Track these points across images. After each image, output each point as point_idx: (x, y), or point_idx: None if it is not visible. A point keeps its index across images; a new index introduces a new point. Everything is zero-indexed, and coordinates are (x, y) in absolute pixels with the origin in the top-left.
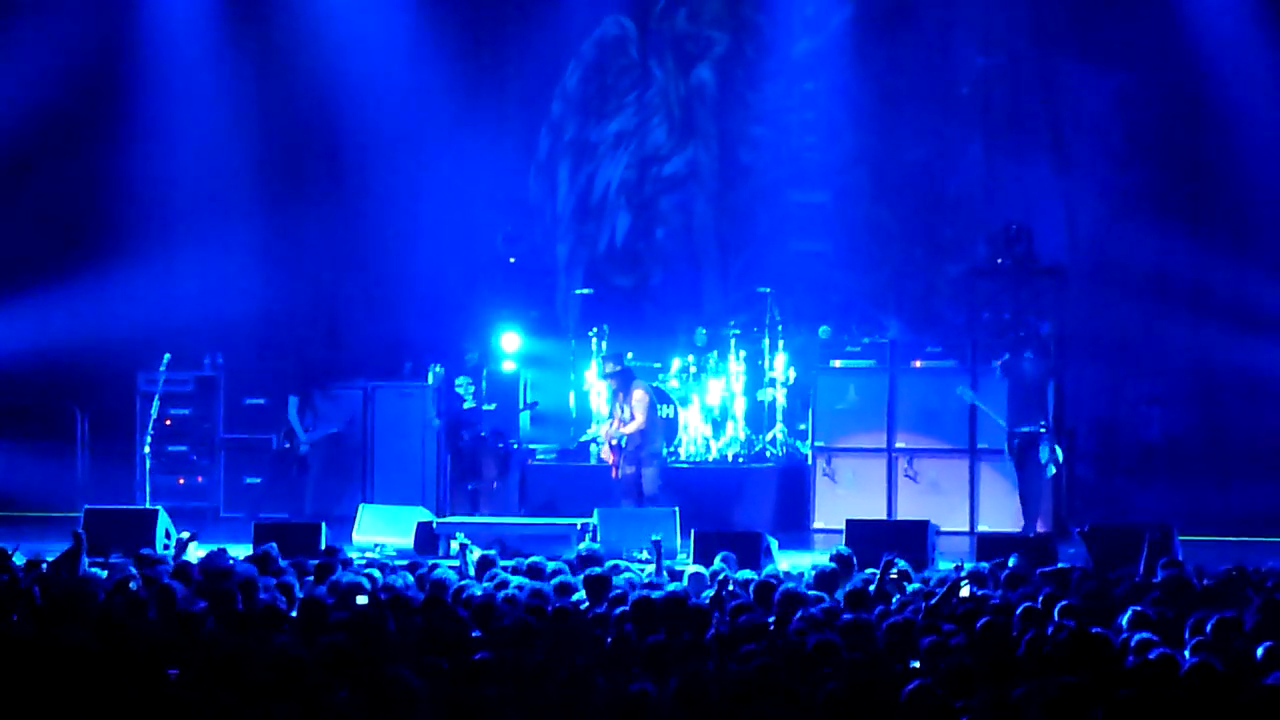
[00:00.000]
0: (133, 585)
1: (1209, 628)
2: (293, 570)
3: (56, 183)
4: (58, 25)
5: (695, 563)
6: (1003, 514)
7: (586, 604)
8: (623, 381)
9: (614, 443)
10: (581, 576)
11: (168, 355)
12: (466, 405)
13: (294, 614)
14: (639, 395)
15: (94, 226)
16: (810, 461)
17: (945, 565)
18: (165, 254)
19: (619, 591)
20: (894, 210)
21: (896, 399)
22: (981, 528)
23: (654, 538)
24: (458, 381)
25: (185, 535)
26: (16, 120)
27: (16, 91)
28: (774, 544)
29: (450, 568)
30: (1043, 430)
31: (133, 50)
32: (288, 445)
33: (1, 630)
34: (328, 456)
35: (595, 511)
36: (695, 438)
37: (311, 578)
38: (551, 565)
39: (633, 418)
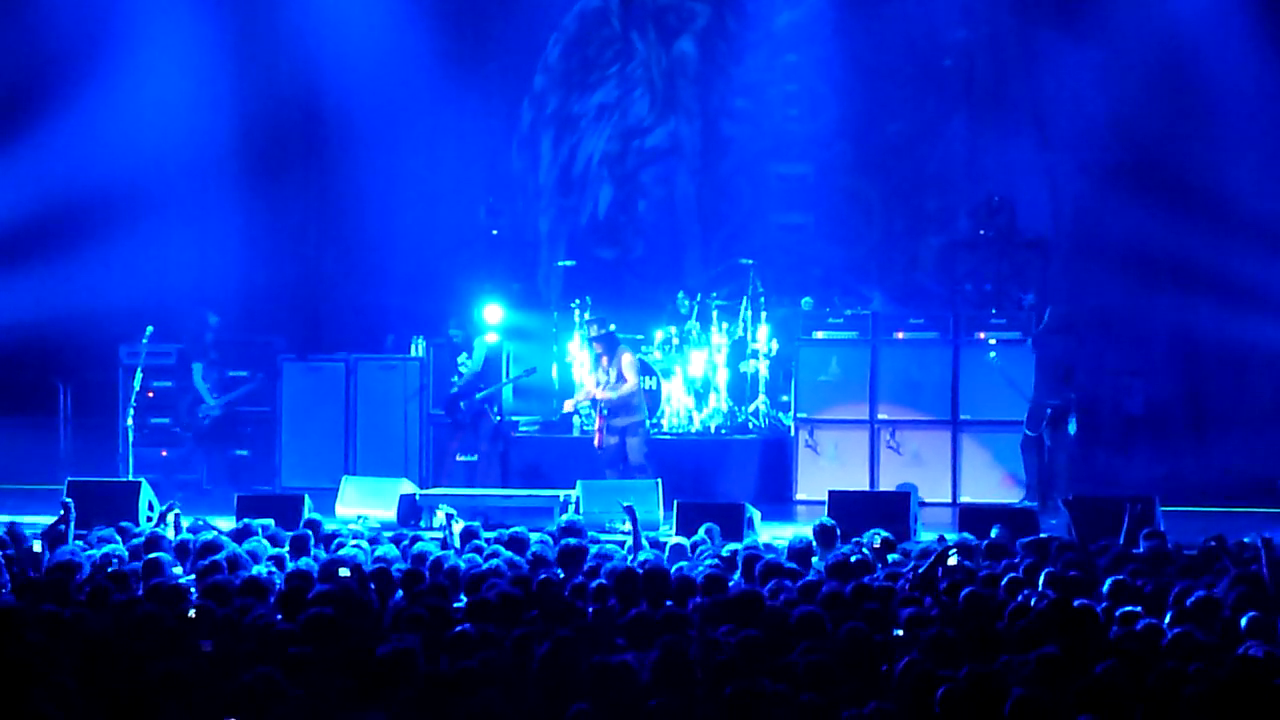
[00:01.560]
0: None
1: (1190, 602)
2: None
3: (38, 156)
4: None
5: (678, 534)
6: (984, 485)
7: (563, 575)
8: (608, 346)
9: (604, 411)
10: (556, 548)
11: (150, 328)
12: (462, 374)
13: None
14: (628, 359)
15: (76, 200)
16: (793, 433)
17: (927, 536)
18: (147, 227)
19: (595, 563)
20: (876, 182)
21: (879, 371)
22: (964, 499)
23: (625, 504)
24: (461, 358)
25: (164, 506)
26: None
27: None
28: (756, 515)
29: (433, 539)
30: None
31: (114, 24)
32: (198, 413)
33: None
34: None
35: (578, 483)
36: (678, 409)
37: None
38: (535, 537)
39: (622, 379)
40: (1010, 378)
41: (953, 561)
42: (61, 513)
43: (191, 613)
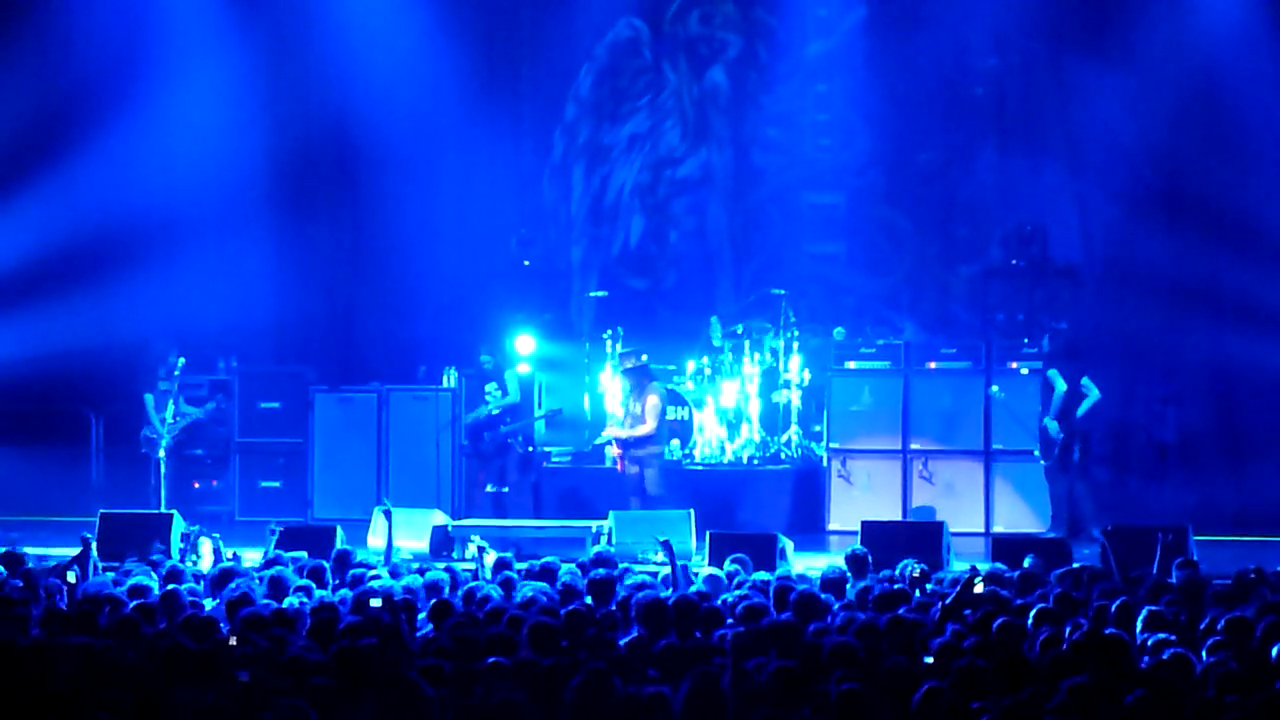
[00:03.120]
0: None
1: (1220, 626)
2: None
3: (71, 187)
4: (68, 28)
5: (710, 565)
6: (1017, 515)
7: (594, 606)
8: (638, 379)
9: (622, 443)
10: (586, 580)
11: (182, 359)
12: (493, 411)
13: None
14: (653, 401)
15: (108, 232)
16: (825, 463)
17: (960, 566)
18: (179, 258)
19: (626, 594)
20: (908, 211)
21: (911, 400)
22: (997, 529)
23: (660, 539)
24: (488, 388)
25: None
26: (28, 125)
27: (28, 97)
28: (789, 546)
29: (464, 570)
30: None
31: (143, 54)
32: (154, 441)
33: (14, 638)
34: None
35: (610, 514)
36: (710, 440)
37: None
38: (565, 568)
39: (642, 419)
40: (1013, 411)
41: (979, 589)
42: (81, 548)
43: (233, 640)
